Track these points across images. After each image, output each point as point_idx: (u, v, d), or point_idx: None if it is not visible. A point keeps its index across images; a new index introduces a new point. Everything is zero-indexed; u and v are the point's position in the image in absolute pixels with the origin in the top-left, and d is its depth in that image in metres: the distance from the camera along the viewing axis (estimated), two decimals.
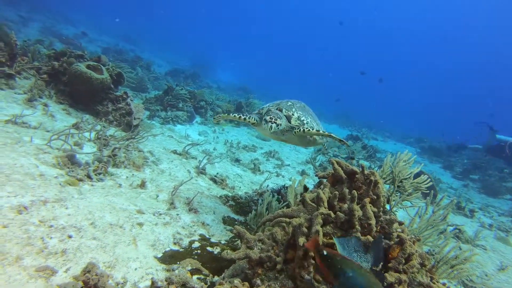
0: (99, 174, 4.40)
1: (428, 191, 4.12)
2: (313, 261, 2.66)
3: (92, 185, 4.09)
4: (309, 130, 4.23)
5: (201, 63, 31.73)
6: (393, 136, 28.98)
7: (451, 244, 3.87)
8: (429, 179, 3.91)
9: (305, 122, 4.39)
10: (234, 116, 4.51)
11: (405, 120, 42.34)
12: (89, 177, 4.21)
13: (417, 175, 3.96)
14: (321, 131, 4.28)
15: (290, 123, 4.33)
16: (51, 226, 2.91)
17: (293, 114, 4.36)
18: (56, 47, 9.84)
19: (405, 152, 3.94)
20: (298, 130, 4.29)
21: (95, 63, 7.53)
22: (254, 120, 4.47)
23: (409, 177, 3.84)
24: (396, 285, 2.67)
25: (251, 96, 17.43)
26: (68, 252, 2.68)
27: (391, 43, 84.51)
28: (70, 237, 2.88)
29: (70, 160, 4.34)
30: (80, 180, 4.05)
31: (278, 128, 4.10)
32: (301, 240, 2.64)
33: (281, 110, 4.36)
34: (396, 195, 3.90)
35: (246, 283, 2.70)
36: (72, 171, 4.14)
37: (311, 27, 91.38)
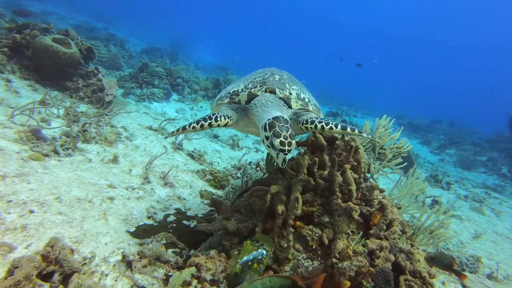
0: (67, 149, 4.14)
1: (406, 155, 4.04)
2: (292, 230, 2.56)
3: (59, 160, 3.84)
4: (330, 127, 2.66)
5: (180, 43, 30.46)
6: (372, 113, 29.30)
7: (427, 214, 3.90)
8: (408, 143, 3.85)
9: (307, 101, 3.00)
10: (194, 128, 2.71)
11: (385, 98, 42.72)
12: (56, 152, 3.95)
13: None
14: (348, 129, 2.65)
15: (291, 107, 2.86)
16: (10, 201, 2.68)
17: (290, 94, 2.90)
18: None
19: (383, 117, 3.86)
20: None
21: (62, 37, 7.07)
22: (226, 120, 2.81)
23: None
24: (377, 251, 2.60)
25: (229, 72, 16.99)
26: (29, 228, 2.48)
27: (376, 22, 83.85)
28: (31, 212, 2.66)
29: (35, 135, 4.05)
30: (46, 155, 3.79)
31: None
32: (280, 208, 2.53)
33: (274, 92, 2.84)
34: (376, 162, 3.84)
35: (223, 254, 2.58)
36: (37, 146, 3.87)
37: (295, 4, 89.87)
